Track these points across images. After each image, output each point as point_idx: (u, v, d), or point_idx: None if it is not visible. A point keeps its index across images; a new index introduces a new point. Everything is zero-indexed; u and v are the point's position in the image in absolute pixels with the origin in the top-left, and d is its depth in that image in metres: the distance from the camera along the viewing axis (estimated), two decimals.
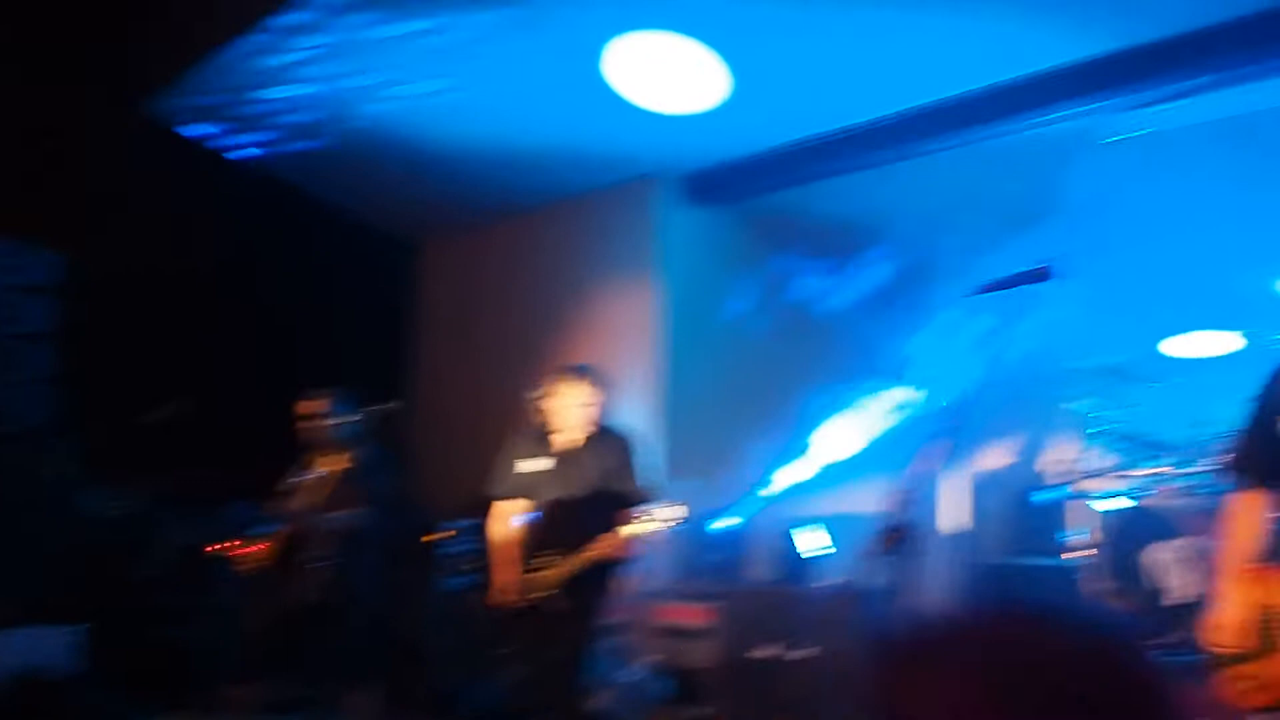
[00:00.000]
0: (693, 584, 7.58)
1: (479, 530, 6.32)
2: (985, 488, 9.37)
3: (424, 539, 7.86)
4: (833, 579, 7.83)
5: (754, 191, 8.51)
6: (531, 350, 8.95)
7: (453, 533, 7.72)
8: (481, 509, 6.13)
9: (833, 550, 7.74)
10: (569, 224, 9.18)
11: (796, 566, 7.80)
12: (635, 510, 5.67)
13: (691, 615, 7.22)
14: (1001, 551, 8.94)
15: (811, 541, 8.01)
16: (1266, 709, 3.44)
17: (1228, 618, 3.52)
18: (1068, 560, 7.04)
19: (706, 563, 7.85)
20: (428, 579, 7.76)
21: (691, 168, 8.47)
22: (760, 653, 6.91)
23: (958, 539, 9.26)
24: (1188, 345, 8.07)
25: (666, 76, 6.90)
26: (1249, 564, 3.59)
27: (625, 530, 5.64)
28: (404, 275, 10.60)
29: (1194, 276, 7.03)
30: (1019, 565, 8.36)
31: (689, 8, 6.35)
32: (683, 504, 5.68)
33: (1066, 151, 6.72)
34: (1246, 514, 3.64)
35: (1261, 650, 3.44)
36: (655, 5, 6.42)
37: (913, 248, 8.02)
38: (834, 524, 7.68)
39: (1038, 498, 8.74)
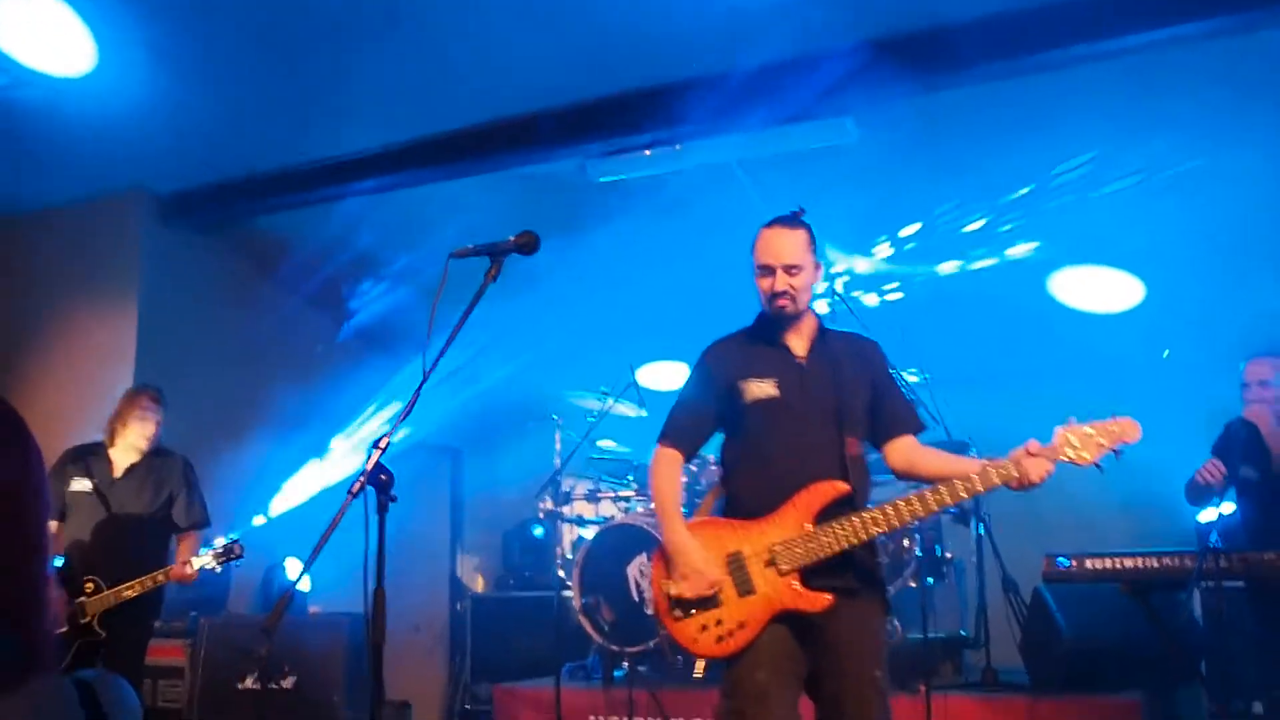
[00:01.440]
0: (167, 620, 7.18)
1: None
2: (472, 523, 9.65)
3: None
4: (317, 608, 7.72)
5: (242, 215, 8.16)
6: None
7: None
8: None
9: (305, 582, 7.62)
10: (38, 238, 8.35)
11: (283, 596, 7.59)
12: (193, 537, 5.71)
13: (165, 653, 6.85)
14: (490, 585, 9.20)
15: (293, 572, 7.88)
16: (737, 654, 3.61)
17: (695, 560, 3.66)
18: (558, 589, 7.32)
19: (185, 596, 7.47)
20: None
21: (176, 187, 7.95)
22: (244, 684, 6.71)
23: (451, 573, 9.45)
24: (659, 374, 8.70)
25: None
26: (703, 516, 3.92)
27: (184, 559, 5.58)
28: None
29: (666, 309, 7.58)
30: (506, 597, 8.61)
31: None
32: (239, 542, 5.65)
33: (564, 188, 7.06)
34: (665, 468, 3.92)
35: (734, 595, 3.63)
36: None
37: (408, 279, 8.06)
38: (326, 552, 7.54)
39: (524, 531, 9.08)
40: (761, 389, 3.82)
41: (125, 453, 5.96)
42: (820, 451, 3.75)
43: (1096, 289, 7.90)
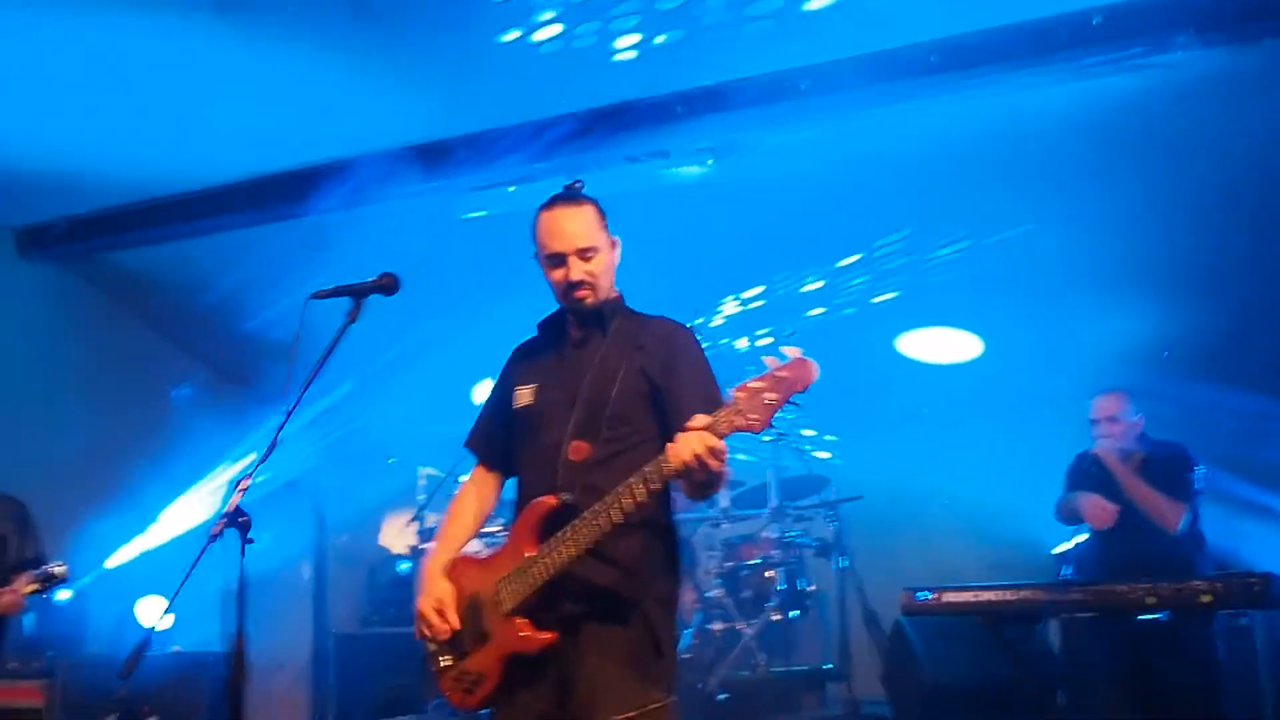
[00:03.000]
0: (22, 660, 6.93)
1: None
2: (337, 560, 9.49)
3: None
4: (178, 647, 7.52)
5: (100, 250, 7.90)
6: None
7: None
8: None
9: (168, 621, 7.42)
10: None
11: (138, 636, 7.37)
12: (24, 570, 5.36)
13: (19, 694, 6.60)
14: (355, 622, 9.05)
15: (154, 611, 7.66)
16: (489, 706, 3.25)
17: (424, 604, 3.31)
18: None
19: (40, 636, 7.21)
20: None
21: (32, 220, 7.67)
22: None
23: (315, 610, 9.27)
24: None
25: None
26: (459, 551, 3.44)
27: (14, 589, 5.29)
28: None
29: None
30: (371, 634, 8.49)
31: None
32: (62, 564, 5.38)
33: (429, 224, 7.02)
34: (473, 488, 3.57)
35: (472, 644, 3.25)
36: None
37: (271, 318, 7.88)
38: (189, 589, 7.35)
39: (389, 567, 8.96)
40: (522, 396, 3.39)
41: None
42: (544, 461, 3.24)
43: (939, 345, 8.13)
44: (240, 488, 2.92)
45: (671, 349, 3.30)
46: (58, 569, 5.38)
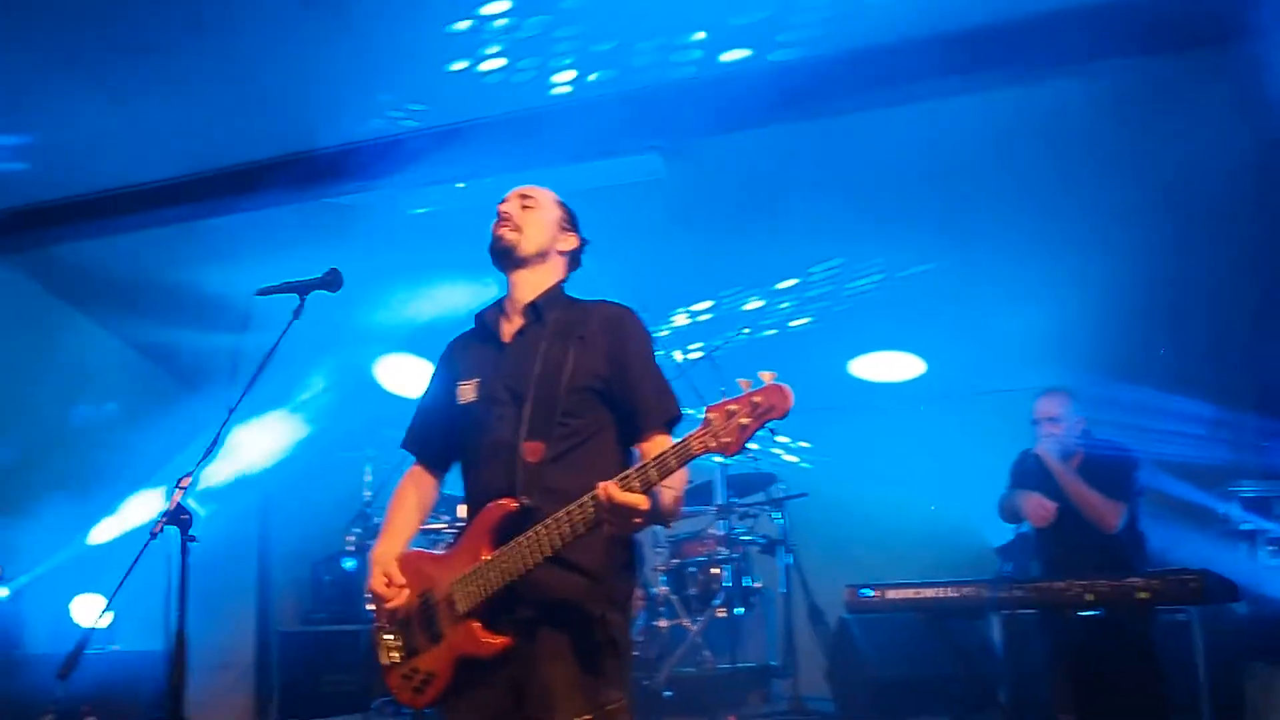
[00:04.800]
0: None
1: None
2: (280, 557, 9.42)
3: None
4: (117, 646, 7.45)
5: (42, 242, 7.74)
6: None
7: None
8: None
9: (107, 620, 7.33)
10: None
11: (77, 635, 7.29)
12: None
13: None
14: (298, 620, 8.99)
15: (92, 610, 7.56)
16: (438, 705, 3.20)
17: (375, 582, 3.27)
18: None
19: None
20: None
21: None
22: None
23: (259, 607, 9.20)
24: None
25: None
26: (407, 544, 3.40)
27: None
28: None
29: None
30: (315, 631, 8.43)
31: None
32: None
33: (376, 218, 6.99)
34: (411, 487, 3.54)
35: (424, 641, 3.20)
36: None
37: (218, 312, 7.78)
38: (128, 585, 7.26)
39: (334, 564, 8.90)
40: (465, 392, 3.33)
41: None
42: (500, 461, 3.17)
43: (885, 366, 8.37)
44: (181, 485, 2.89)
45: (617, 335, 3.26)
46: None
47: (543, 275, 3.39)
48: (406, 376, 8.11)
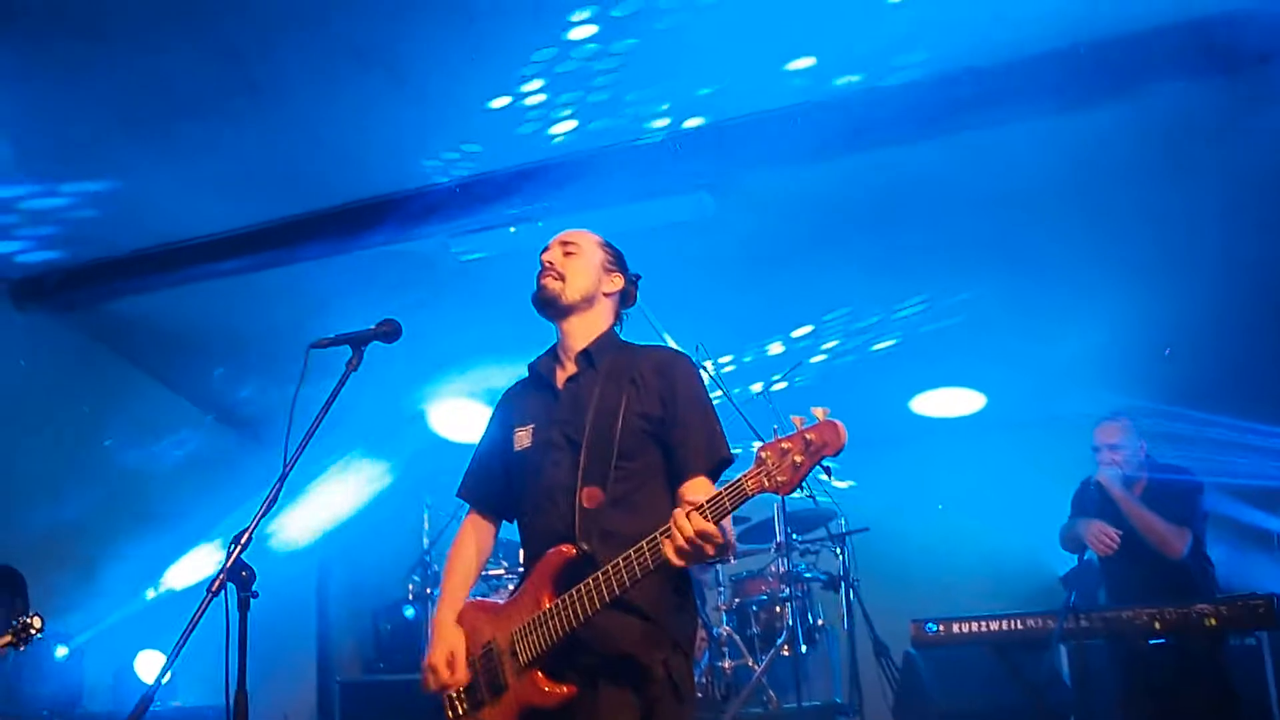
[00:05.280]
0: (17, 718, 6.88)
1: None
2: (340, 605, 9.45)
3: None
4: (175, 702, 7.46)
5: (99, 298, 7.79)
6: None
7: None
8: None
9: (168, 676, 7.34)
10: None
11: (138, 692, 7.31)
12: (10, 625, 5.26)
13: None
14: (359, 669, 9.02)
15: (153, 666, 7.59)
16: None
17: (435, 656, 3.27)
18: None
19: (37, 694, 7.15)
20: None
21: (28, 270, 7.53)
22: None
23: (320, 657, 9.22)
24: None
25: None
26: (467, 597, 3.42)
27: None
28: None
29: None
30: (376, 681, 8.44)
31: None
32: (36, 615, 5.30)
33: (425, 265, 7.02)
34: (470, 535, 3.55)
35: (488, 694, 3.17)
36: None
37: (273, 364, 7.83)
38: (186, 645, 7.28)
39: (394, 612, 8.92)
40: (520, 438, 3.35)
41: None
42: (557, 507, 3.19)
43: (946, 402, 8.34)
44: (240, 542, 2.89)
45: (669, 379, 3.26)
46: (32, 621, 5.40)
47: (592, 320, 3.41)
48: (461, 421, 8.14)
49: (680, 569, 3.05)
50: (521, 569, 3.41)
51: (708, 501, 2.77)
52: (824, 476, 3.01)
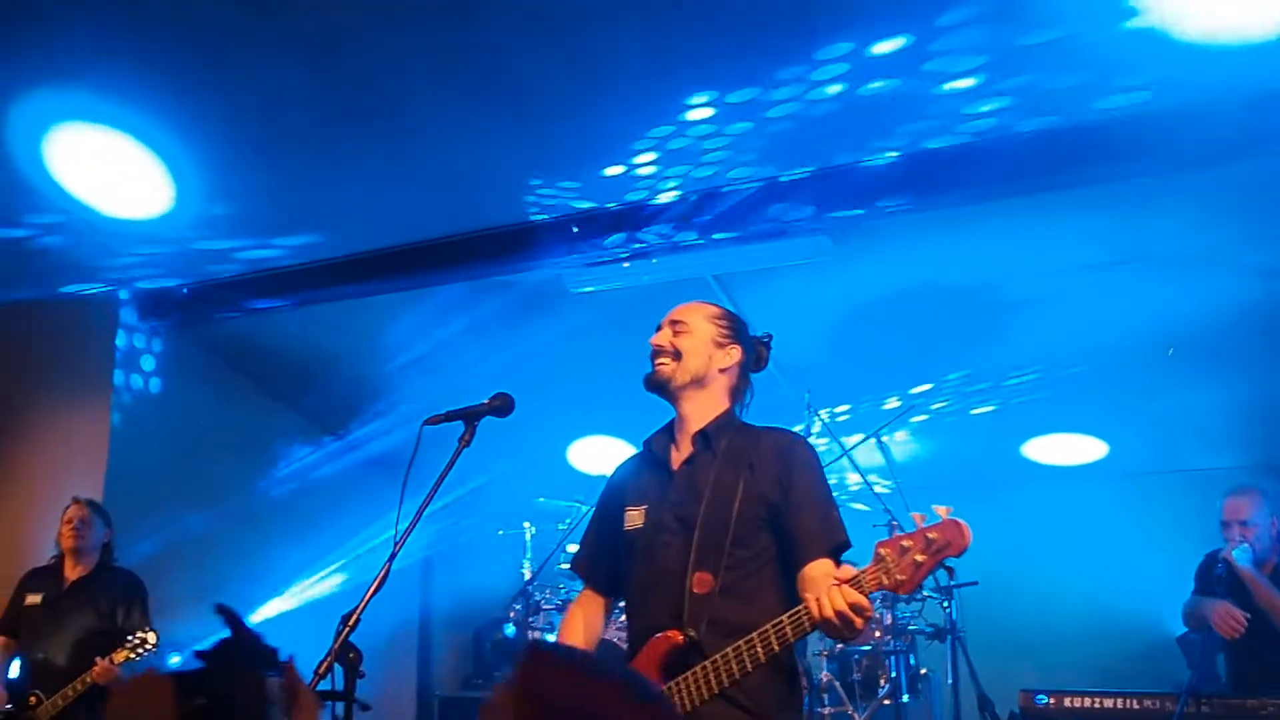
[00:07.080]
0: None
1: None
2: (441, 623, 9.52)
3: None
4: None
5: (226, 316, 7.82)
6: None
7: None
8: None
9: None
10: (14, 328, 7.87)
11: None
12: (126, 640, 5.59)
13: None
14: (459, 684, 9.08)
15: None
16: None
17: None
18: None
19: None
20: None
21: (157, 285, 7.60)
22: None
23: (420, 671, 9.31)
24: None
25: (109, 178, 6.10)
26: None
27: (109, 659, 5.50)
28: None
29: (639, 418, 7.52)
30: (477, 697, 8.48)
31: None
32: (153, 631, 5.62)
33: (542, 298, 7.02)
34: (579, 612, 3.51)
35: None
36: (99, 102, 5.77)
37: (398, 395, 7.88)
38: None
39: (497, 628, 8.96)
40: (632, 518, 3.29)
41: (75, 568, 5.99)
42: (666, 591, 3.10)
43: (1064, 449, 8.15)
44: (349, 623, 2.88)
45: (785, 460, 3.18)
46: (148, 636, 5.55)
47: (707, 399, 3.34)
48: (598, 457, 8.23)
49: (790, 662, 3.06)
50: (626, 648, 3.36)
51: (860, 573, 2.72)
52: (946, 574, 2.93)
